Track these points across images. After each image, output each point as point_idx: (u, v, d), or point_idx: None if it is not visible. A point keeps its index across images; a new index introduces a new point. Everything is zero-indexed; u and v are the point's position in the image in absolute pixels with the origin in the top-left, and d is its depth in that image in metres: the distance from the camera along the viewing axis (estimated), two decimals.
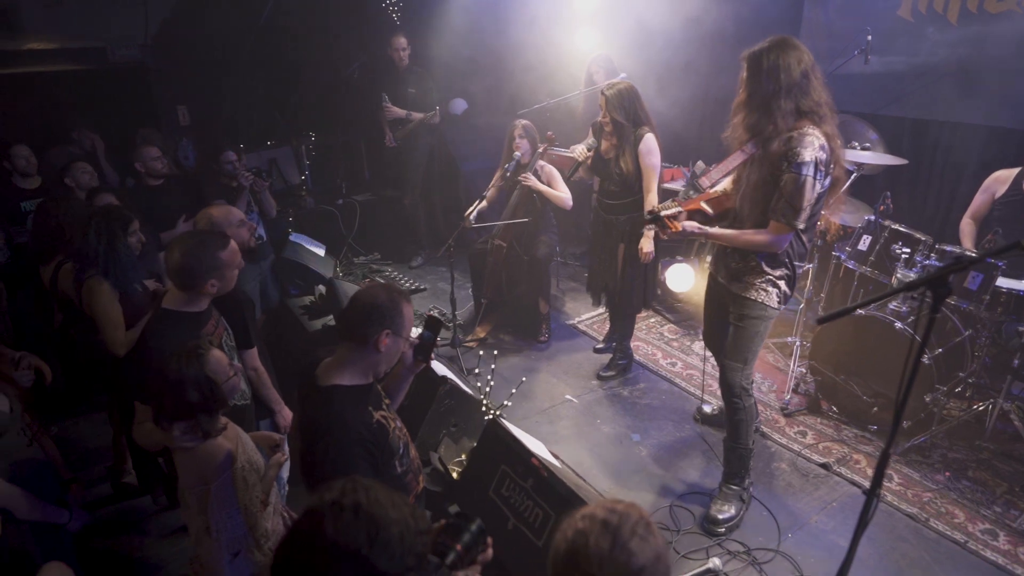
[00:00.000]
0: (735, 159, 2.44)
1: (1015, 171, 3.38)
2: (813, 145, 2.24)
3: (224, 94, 6.33)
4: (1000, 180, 3.39)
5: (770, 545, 2.59)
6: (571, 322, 4.51)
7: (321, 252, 5.22)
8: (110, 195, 3.52)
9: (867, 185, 4.02)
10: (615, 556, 1.01)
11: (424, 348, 1.95)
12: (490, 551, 1.24)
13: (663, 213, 2.45)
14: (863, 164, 3.40)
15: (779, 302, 2.50)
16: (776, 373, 3.84)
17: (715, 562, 2.46)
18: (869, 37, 3.75)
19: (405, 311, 1.79)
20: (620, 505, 1.10)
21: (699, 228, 2.47)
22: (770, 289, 2.48)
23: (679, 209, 2.48)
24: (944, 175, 4.22)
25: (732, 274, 2.56)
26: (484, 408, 2.98)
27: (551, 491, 2.31)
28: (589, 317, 4.54)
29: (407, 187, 5.47)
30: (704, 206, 2.55)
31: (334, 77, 6.02)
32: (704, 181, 2.64)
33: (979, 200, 3.51)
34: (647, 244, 3.33)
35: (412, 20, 5.65)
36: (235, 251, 2.30)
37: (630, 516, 1.07)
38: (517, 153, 3.92)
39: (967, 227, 3.59)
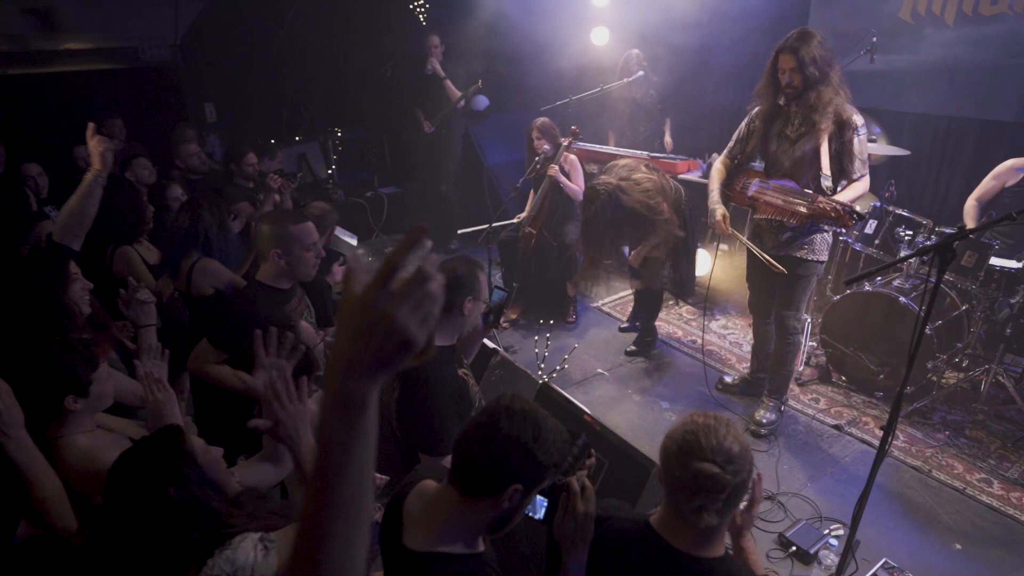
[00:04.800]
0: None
1: None
2: (855, 111, 2.84)
3: (251, 92, 6.58)
4: (1014, 170, 3.56)
5: (794, 490, 2.93)
6: (596, 304, 4.83)
7: (354, 242, 5.53)
8: (178, 187, 3.80)
9: (871, 175, 4.34)
10: (721, 443, 1.34)
11: (496, 312, 2.26)
12: (594, 459, 1.55)
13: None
14: (869, 155, 3.71)
15: (827, 252, 3.06)
16: None
17: (742, 505, 2.78)
18: (875, 39, 4.07)
19: (481, 279, 2.11)
20: (712, 414, 1.42)
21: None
22: (819, 244, 3.00)
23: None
24: (941, 165, 4.56)
25: (784, 243, 3.01)
26: (540, 373, 3.28)
27: (605, 442, 2.62)
28: (612, 300, 4.86)
29: (444, 175, 5.76)
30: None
31: (363, 74, 6.28)
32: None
33: (989, 185, 3.70)
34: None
35: (438, 19, 5.92)
36: (307, 230, 2.44)
37: (721, 419, 1.40)
38: (540, 153, 4.26)
39: (971, 208, 3.86)
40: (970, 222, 3.95)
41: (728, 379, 3.73)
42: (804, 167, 2.89)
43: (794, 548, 2.60)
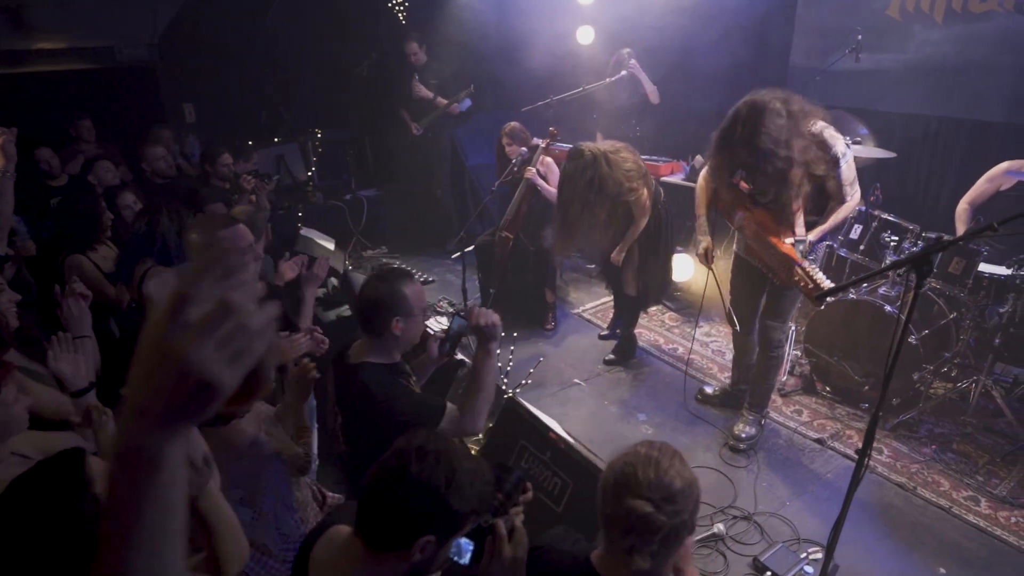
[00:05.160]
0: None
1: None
2: (835, 137, 2.62)
3: (231, 92, 6.46)
4: (1007, 173, 3.42)
5: (772, 510, 2.79)
6: (576, 311, 4.70)
7: (331, 246, 5.39)
8: (131, 194, 3.67)
9: (858, 177, 4.21)
10: (660, 479, 1.21)
11: (453, 341, 2.13)
12: (530, 493, 1.42)
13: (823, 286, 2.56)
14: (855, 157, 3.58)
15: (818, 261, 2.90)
16: None
17: (719, 527, 2.65)
18: (860, 36, 3.94)
19: (408, 292, 1.96)
20: (657, 444, 1.29)
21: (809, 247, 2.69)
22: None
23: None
24: (932, 166, 4.42)
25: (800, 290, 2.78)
26: (503, 388, 3.15)
27: (569, 461, 2.48)
28: (593, 306, 4.72)
29: (436, 178, 5.64)
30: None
31: (342, 74, 6.16)
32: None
33: (982, 188, 3.56)
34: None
35: (417, 19, 5.80)
36: (240, 233, 2.31)
37: (667, 450, 1.27)
38: (513, 158, 4.14)
39: (962, 212, 3.74)
40: (961, 227, 3.82)
41: (708, 390, 3.60)
42: (780, 221, 2.73)
43: (769, 573, 2.46)
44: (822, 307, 2.87)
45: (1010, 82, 3.90)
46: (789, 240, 2.66)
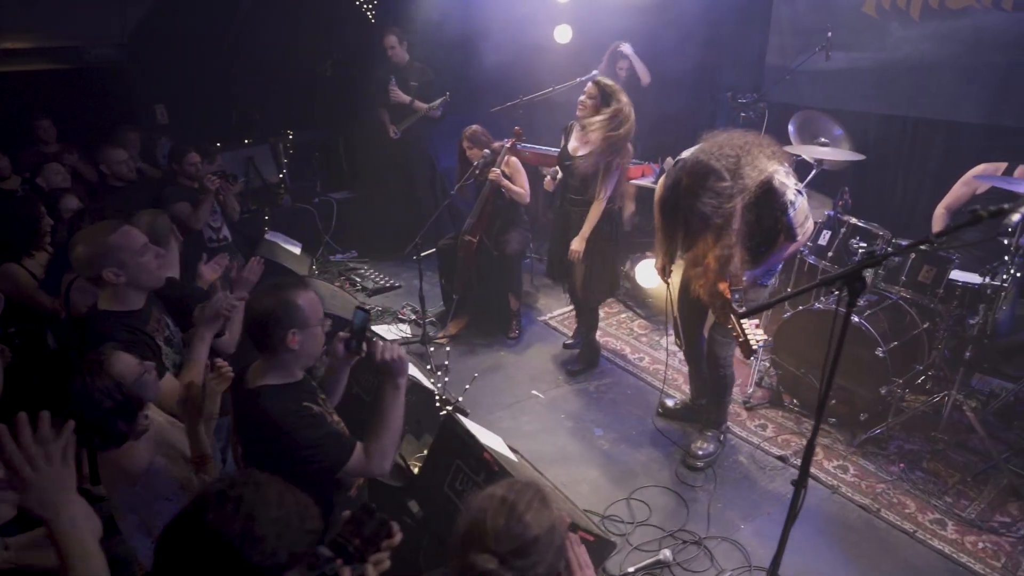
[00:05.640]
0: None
1: (1001, 166, 3.38)
2: (785, 184, 2.46)
3: (203, 93, 6.34)
4: (978, 177, 3.34)
5: (724, 535, 2.64)
6: (543, 318, 4.54)
7: (297, 250, 5.24)
8: (74, 198, 3.54)
9: (831, 180, 4.06)
10: (510, 528, 1.06)
11: (358, 336, 1.97)
12: (396, 537, 1.26)
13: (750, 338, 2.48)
14: (822, 160, 3.43)
15: (773, 275, 2.84)
16: (741, 367, 3.86)
17: (666, 553, 2.50)
18: (829, 34, 3.79)
19: (301, 302, 1.82)
20: (519, 483, 1.14)
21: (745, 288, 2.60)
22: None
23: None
24: (909, 169, 4.27)
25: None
26: (437, 404, 3.00)
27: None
28: (561, 313, 4.57)
29: (418, 181, 5.50)
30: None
31: (308, 75, 6.03)
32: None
33: (959, 192, 3.49)
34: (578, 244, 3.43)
35: (386, 18, 5.66)
36: (129, 234, 2.21)
37: (526, 492, 1.12)
38: (475, 162, 4.01)
39: (939, 217, 3.63)
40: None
41: (670, 403, 3.44)
42: (722, 266, 2.57)
43: None
44: (749, 359, 2.74)
45: (987, 82, 3.75)
46: (725, 287, 2.53)
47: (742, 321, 2.40)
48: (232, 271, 2.77)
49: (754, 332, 2.43)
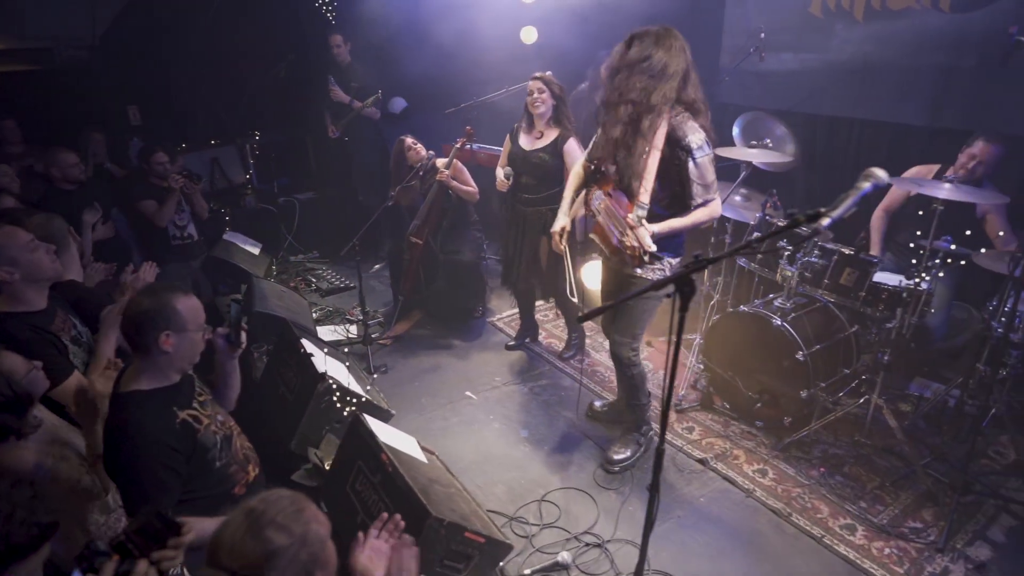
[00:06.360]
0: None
1: (934, 168, 3.36)
2: (696, 130, 2.42)
3: (173, 93, 6.38)
4: (916, 178, 3.29)
5: (629, 538, 2.63)
6: (491, 319, 4.54)
7: (256, 251, 5.27)
8: (11, 199, 3.57)
9: (775, 181, 4.03)
10: (246, 543, 1.05)
11: (235, 329, 1.99)
12: (187, 537, 1.26)
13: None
14: (751, 163, 3.41)
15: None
16: (678, 369, 3.86)
17: (564, 556, 2.49)
18: (763, 35, 3.77)
19: (179, 306, 1.84)
20: (276, 494, 1.14)
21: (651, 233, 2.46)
22: (663, 269, 2.62)
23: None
24: (856, 171, 4.21)
25: (627, 258, 2.53)
26: (349, 402, 3.00)
27: (393, 486, 2.34)
28: (510, 315, 4.57)
29: (360, 183, 5.52)
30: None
31: (267, 76, 6.07)
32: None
33: (894, 194, 3.50)
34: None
35: (348, 18, 5.68)
36: (12, 233, 2.21)
37: (278, 503, 1.11)
38: (417, 163, 4.02)
39: (877, 221, 3.62)
40: (876, 235, 3.67)
41: (598, 405, 3.43)
42: (631, 197, 2.51)
43: None
44: (639, 272, 2.62)
45: (930, 83, 3.71)
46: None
47: (636, 230, 2.38)
48: (126, 274, 2.79)
49: (649, 241, 2.37)
